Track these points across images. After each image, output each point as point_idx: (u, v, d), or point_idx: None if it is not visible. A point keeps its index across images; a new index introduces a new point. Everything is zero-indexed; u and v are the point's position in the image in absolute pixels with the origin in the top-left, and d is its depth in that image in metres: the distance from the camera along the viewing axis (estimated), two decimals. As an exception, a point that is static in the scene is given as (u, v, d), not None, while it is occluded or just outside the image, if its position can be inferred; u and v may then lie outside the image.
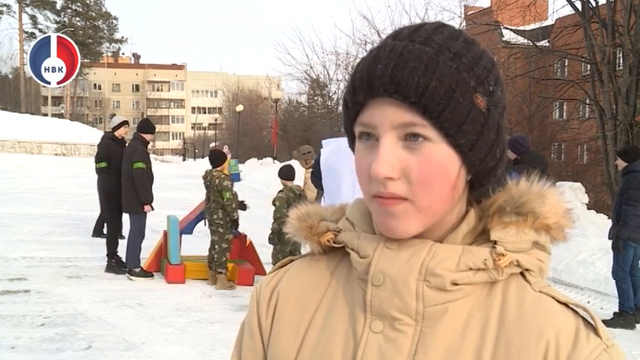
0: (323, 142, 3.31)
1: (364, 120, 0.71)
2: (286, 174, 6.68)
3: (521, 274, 0.73)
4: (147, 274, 7.26)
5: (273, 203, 6.50)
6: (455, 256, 0.70)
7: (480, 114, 0.69)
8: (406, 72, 0.67)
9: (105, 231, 8.34)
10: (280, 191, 6.63)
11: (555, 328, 0.69)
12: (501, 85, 0.74)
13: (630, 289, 6.08)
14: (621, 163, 6.28)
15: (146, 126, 7.53)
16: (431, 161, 0.68)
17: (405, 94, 0.67)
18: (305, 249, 0.86)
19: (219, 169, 7.04)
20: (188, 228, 7.54)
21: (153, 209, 7.36)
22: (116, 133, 7.73)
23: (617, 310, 6.19)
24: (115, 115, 8.64)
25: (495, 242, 0.71)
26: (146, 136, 7.39)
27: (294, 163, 7.90)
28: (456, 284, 0.70)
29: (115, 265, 7.51)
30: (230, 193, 6.82)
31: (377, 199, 0.71)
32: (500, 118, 0.73)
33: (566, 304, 0.71)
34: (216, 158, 7.15)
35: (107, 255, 7.60)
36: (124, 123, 7.81)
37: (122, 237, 9.19)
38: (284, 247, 6.21)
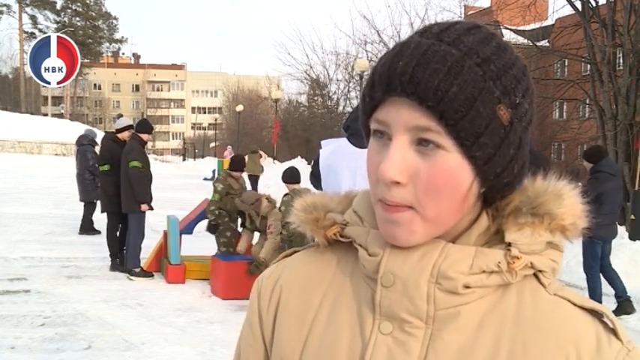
0: (322, 142, 3.29)
1: (379, 117, 0.68)
2: (290, 177, 6.32)
3: (535, 275, 0.71)
4: (147, 274, 7.26)
5: (279, 209, 6.26)
6: (468, 258, 0.68)
7: (501, 127, 0.66)
8: (427, 73, 0.64)
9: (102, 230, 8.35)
10: (285, 194, 6.29)
11: (575, 335, 0.67)
12: (530, 97, 0.70)
13: (597, 285, 6.35)
14: (587, 165, 6.45)
15: (144, 126, 7.54)
16: (442, 170, 0.65)
17: (423, 97, 0.63)
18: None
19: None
20: (188, 228, 7.54)
21: (152, 209, 7.36)
22: (119, 135, 7.68)
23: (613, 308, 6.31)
24: (122, 115, 8.65)
25: (510, 244, 0.69)
26: (143, 136, 7.40)
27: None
28: (469, 287, 0.68)
29: (119, 265, 7.54)
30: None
31: (382, 204, 0.68)
32: (524, 132, 0.69)
33: (582, 307, 0.70)
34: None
35: (110, 255, 7.62)
36: (130, 127, 7.74)
37: (98, 232, 9.61)
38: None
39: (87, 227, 9.98)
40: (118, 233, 7.70)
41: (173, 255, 7.11)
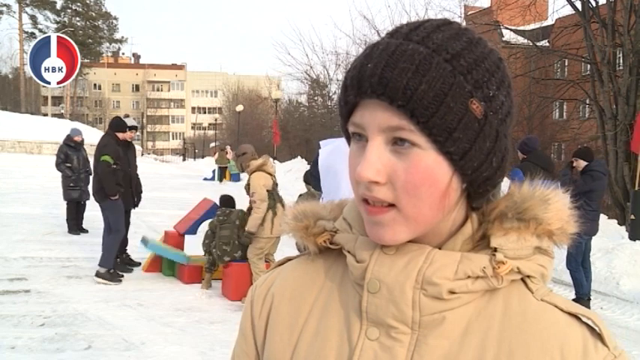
0: (321, 142, 3.30)
1: (355, 120, 0.69)
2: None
3: (523, 280, 0.71)
4: (114, 276, 7.00)
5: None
6: (453, 264, 0.68)
7: (475, 121, 0.65)
8: (395, 73, 0.64)
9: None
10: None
11: (561, 341, 0.67)
12: (506, 89, 0.69)
13: (583, 277, 6.65)
14: (581, 163, 6.65)
15: (118, 125, 7.54)
16: (418, 168, 0.65)
17: (393, 97, 0.64)
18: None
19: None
20: (192, 228, 7.54)
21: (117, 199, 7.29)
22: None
23: (583, 299, 6.56)
24: (128, 116, 8.70)
25: (495, 249, 0.69)
26: (119, 135, 7.44)
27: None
28: (454, 293, 0.68)
29: (120, 264, 7.53)
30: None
31: (365, 205, 0.69)
32: (501, 124, 0.68)
33: (569, 313, 0.69)
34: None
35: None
36: (134, 128, 7.94)
37: (84, 231, 9.72)
38: None
39: (69, 226, 9.98)
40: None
41: (177, 257, 7.09)
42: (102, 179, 7.08)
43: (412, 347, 0.69)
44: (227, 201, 6.98)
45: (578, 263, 6.62)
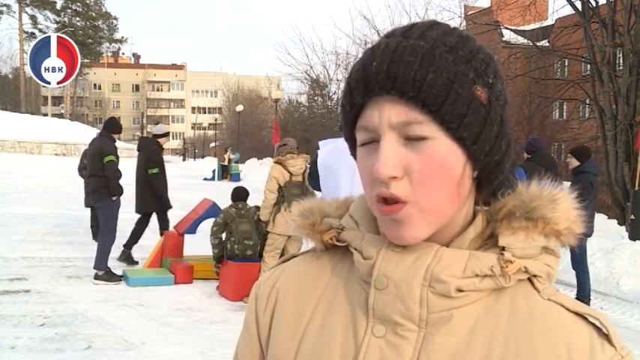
0: (320, 143, 3.29)
1: (364, 122, 0.69)
2: None
3: (529, 279, 0.71)
4: (113, 277, 6.98)
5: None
6: (461, 262, 0.68)
7: (482, 106, 0.67)
8: (402, 67, 0.65)
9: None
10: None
11: (568, 340, 0.67)
12: (501, 79, 0.72)
13: (588, 280, 6.60)
14: (574, 162, 6.58)
15: (114, 126, 7.59)
16: (433, 158, 0.66)
17: (403, 89, 0.65)
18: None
19: None
20: (191, 228, 7.54)
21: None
22: (159, 140, 8.23)
23: (583, 301, 6.53)
24: (159, 122, 8.94)
25: (503, 248, 0.69)
26: (115, 136, 7.49)
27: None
28: (461, 291, 0.68)
29: (125, 258, 7.67)
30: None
31: (380, 206, 0.68)
32: (503, 110, 0.71)
33: (576, 313, 0.69)
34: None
35: (123, 245, 7.79)
36: (167, 134, 8.48)
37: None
38: None
39: (93, 233, 9.89)
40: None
41: (163, 281, 7.08)
42: (111, 178, 7.08)
43: (419, 345, 0.69)
44: (240, 194, 6.91)
45: (585, 265, 6.55)
